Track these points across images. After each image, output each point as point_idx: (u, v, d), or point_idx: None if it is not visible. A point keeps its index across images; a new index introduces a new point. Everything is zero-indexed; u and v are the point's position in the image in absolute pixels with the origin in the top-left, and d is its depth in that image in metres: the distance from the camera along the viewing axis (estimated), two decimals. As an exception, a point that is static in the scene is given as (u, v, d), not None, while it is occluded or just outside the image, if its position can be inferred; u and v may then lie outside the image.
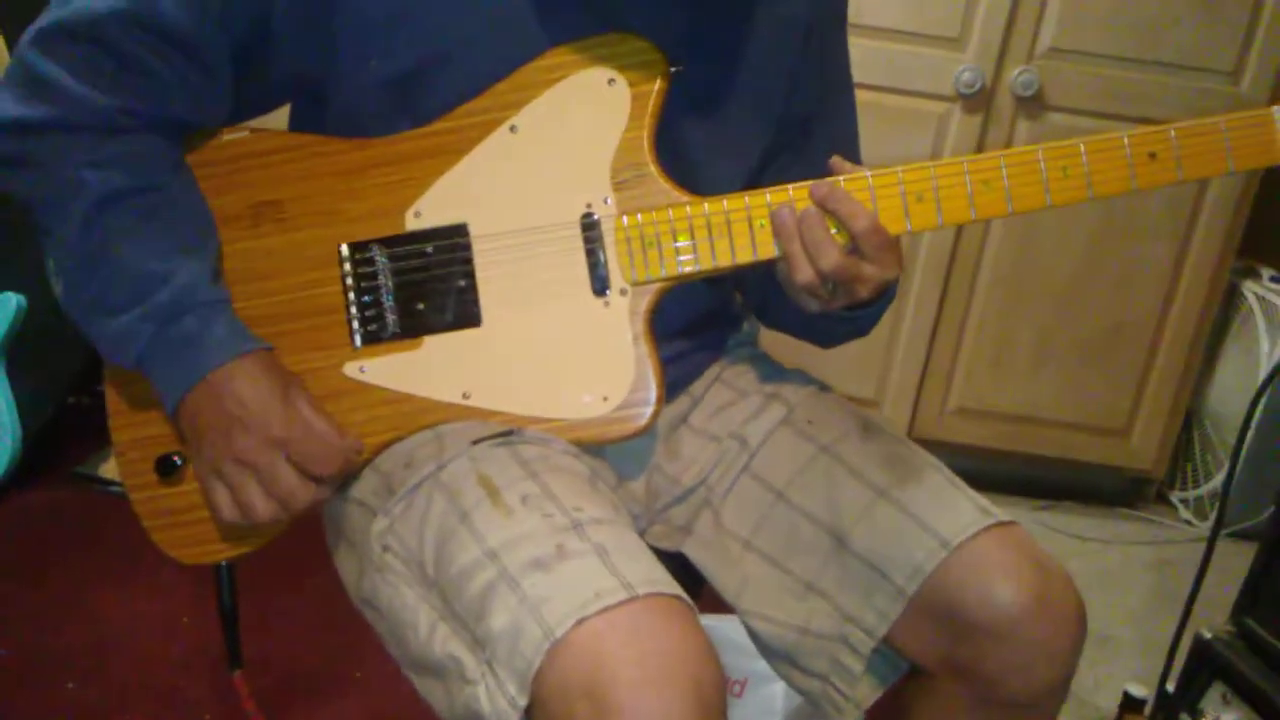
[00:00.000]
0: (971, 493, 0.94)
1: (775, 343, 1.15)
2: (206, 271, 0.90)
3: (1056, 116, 2.27)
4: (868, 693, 0.96)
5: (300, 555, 1.00)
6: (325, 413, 0.90)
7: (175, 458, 0.94)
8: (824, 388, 1.08)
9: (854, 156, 1.04)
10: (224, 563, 0.98)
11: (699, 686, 0.70)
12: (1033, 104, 2.26)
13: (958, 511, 0.91)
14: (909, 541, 0.90)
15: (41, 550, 1.89)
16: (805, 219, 0.89)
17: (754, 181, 1.01)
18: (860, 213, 0.88)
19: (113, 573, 1.80)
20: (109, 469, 2.04)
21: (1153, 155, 0.89)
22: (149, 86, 0.88)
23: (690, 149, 0.97)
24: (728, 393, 1.07)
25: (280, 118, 1.00)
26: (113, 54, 0.86)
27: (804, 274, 0.89)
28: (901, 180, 0.90)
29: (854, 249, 0.89)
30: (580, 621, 0.71)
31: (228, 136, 0.95)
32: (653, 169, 0.93)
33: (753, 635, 1.00)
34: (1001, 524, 0.91)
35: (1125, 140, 0.89)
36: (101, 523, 1.89)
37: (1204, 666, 1.34)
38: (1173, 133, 0.89)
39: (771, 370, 1.10)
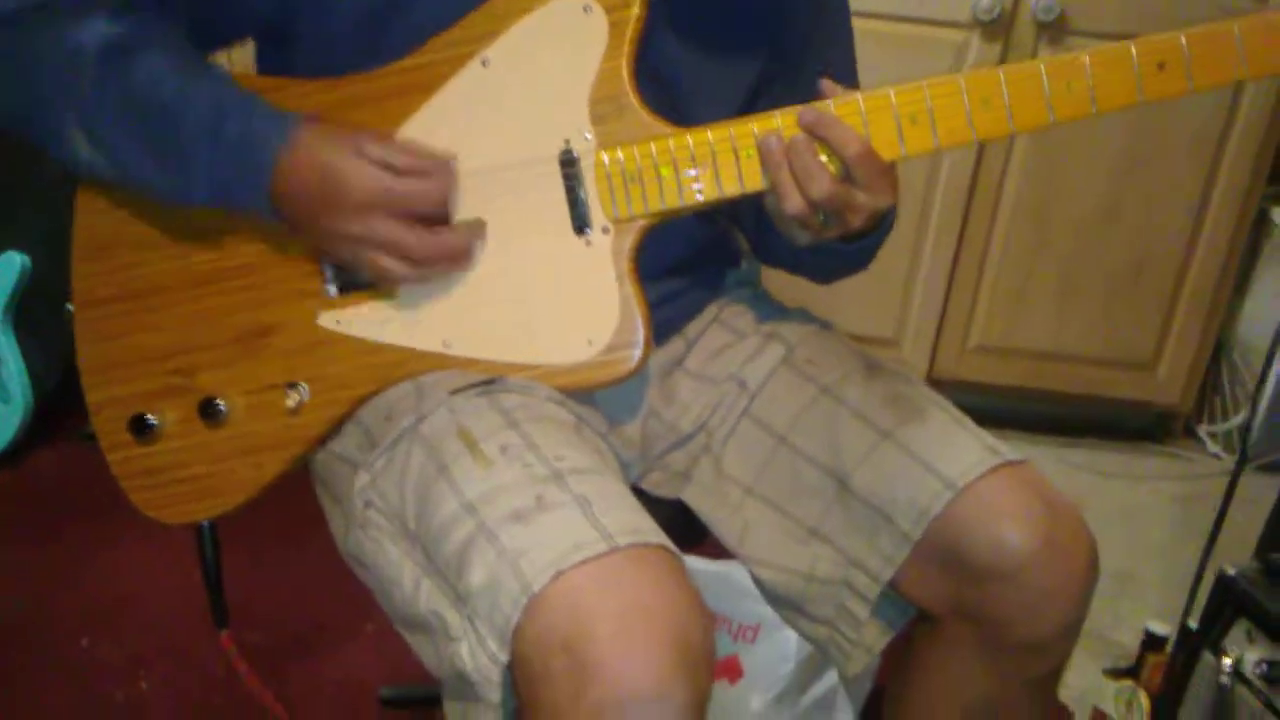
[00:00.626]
0: (979, 431, 0.91)
1: (783, 283, 1.11)
2: (225, 78, 0.87)
3: (1080, 41, 2.18)
4: (875, 638, 0.93)
5: (308, 504, 0.99)
6: (401, 150, 0.85)
7: (149, 416, 0.92)
8: (825, 326, 1.04)
9: (852, 86, 0.99)
10: (206, 522, 0.96)
11: (681, 638, 0.68)
12: (1055, 28, 2.17)
13: (964, 451, 0.87)
14: (913, 484, 0.87)
15: (55, 511, 1.90)
16: (793, 146, 0.84)
17: (745, 113, 0.96)
18: (851, 138, 0.83)
19: (126, 532, 1.80)
20: (118, 428, 2.04)
21: (1162, 65, 0.83)
22: None
23: (677, 81, 0.93)
24: (725, 334, 1.03)
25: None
26: None
27: (793, 203, 0.84)
28: (894, 102, 0.85)
29: (846, 176, 0.84)
30: (558, 574, 0.69)
31: None
32: (633, 100, 0.88)
33: (757, 582, 0.98)
34: (1010, 463, 0.87)
35: (1132, 50, 0.83)
36: (113, 483, 1.89)
37: (1227, 603, 1.31)
38: (1183, 39, 0.82)
39: (771, 309, 1.06)
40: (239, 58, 0.97)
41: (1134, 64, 0.83)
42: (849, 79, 1.03)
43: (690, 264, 1.02)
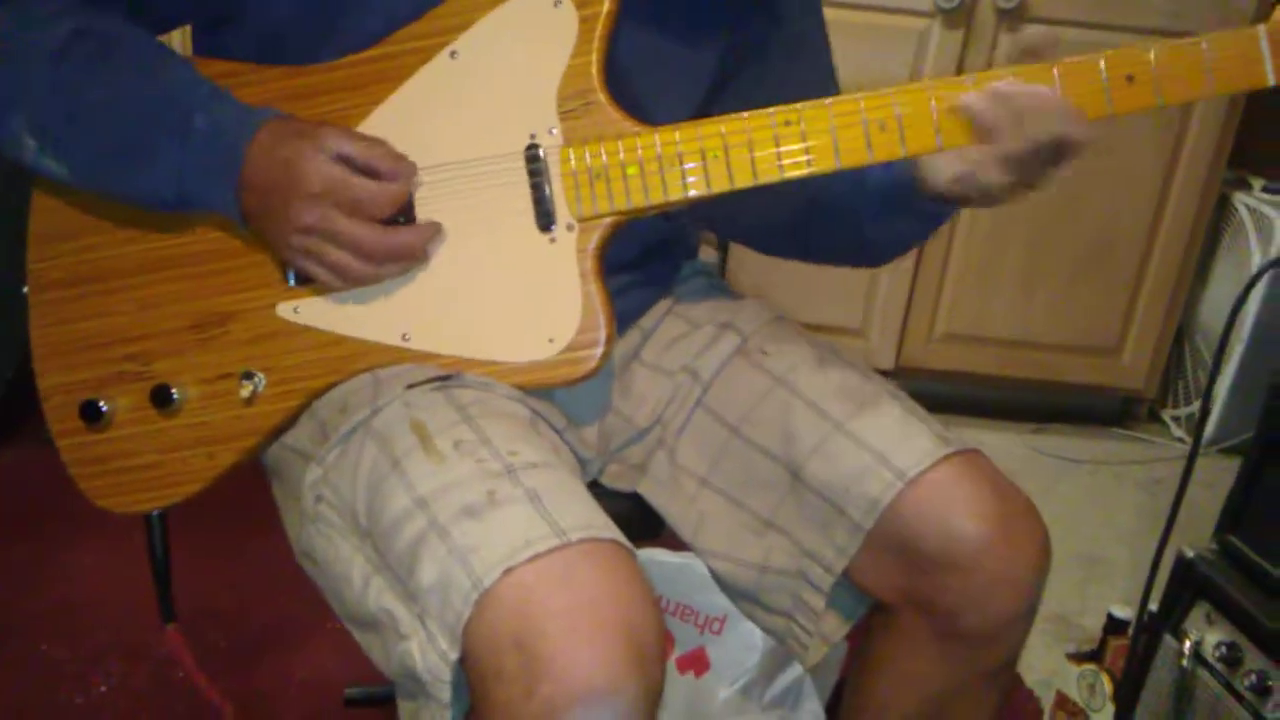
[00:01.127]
0: (930, 420, 0.91)
1: (752, 273, 1.10)
2: (189, 71, 0.85)
3: (1040, 29, 2.20)
4: (833, 628, 0.93)
5: (272, 504, 0.98)
6: (364, 147, 0.83)
7: (101, 403, 0.91)
8: (780, 316, 1.03)
9: (830, 84, 1.00)
10: (155, 512, 0.95)
11: (632, 634, 0.67)
12: (1015, 16, 2.19)
13: (914, 441, 0.87)
14: (864, 475, 0.87)
15: (12, 512, 1.88)
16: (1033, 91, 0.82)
17: (703, 113, 0.95)
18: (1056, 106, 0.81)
19: (84, 533, 1.78)
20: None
21: (1130, 78, 0.83)
22: None
23: (635, 75, 0.91)
24: (680, 324, 1.03)
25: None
26: None
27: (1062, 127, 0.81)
28: (863, 109, 0.84)
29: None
30: (509, 570, 0.68)
31: None
32: (601, 97, 0.87)
33: (713, 574, 0.97)
34: (961, 452, 0.87)
35: (1101, 63, 0.83)
36: (72, 484, 1.86)
37: (1187, 586, 1.31)
38: (1152, 54, 0.82)
39: (726, 299, 1.05)
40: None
41: (1102, 75, 0.83)
42: (828, 79, 1.02)
43: (650, 257, 1.01)
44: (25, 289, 0.94)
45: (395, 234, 0.84)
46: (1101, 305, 2.42)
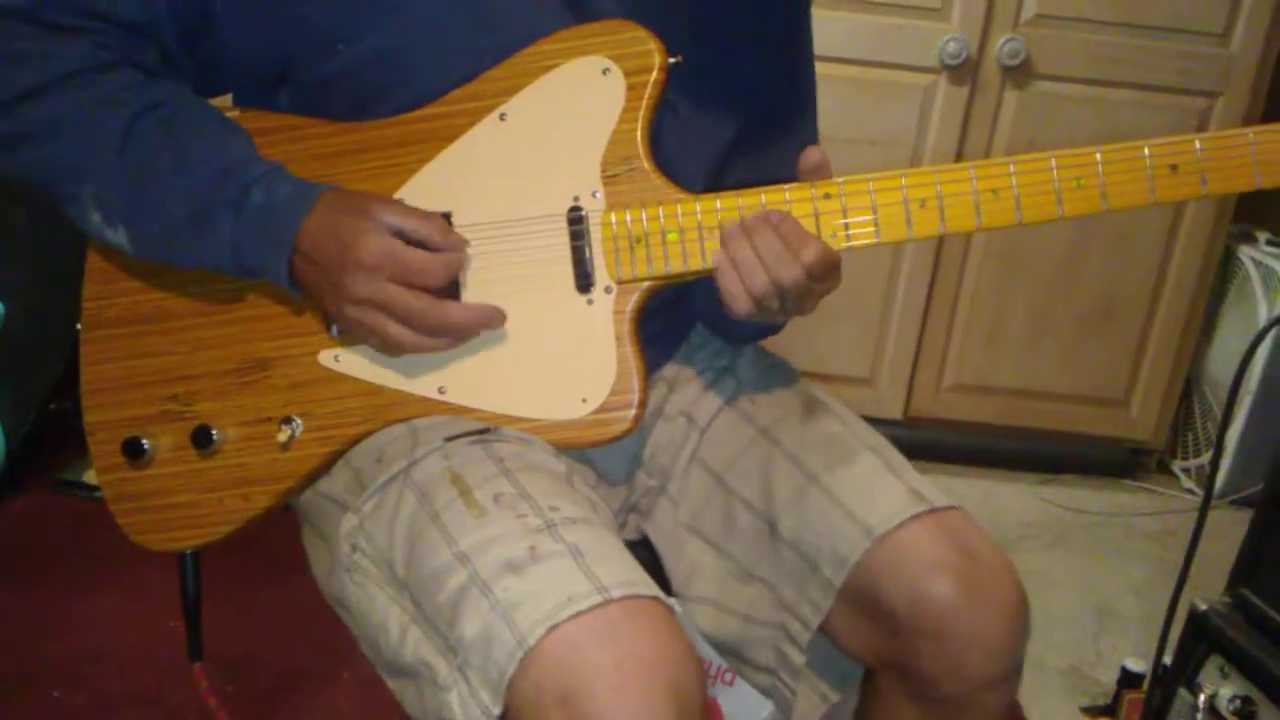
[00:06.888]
0: (909, 476, 0.89)
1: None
2: (249, 147, 0.88)
3: (1045, 84, 2.24)
4: (828, 689, 0.93)
5: (288, 550, 0.99)
6: (417, 221, 0.85)
7: (143, 441, 0.93)
8: (775, 362, 1.04)
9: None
10: (189, 551, 0.97)
11: (677, 689, 0.68)
12: (1020, 73, 2.23)
13: (886, 498, 0.86)
14: (835, 531, 0.86)
15: (26, 558, 1.88)
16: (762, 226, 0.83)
17: (715, 179, 0.97)
18: (809, 241, 0.83)
19: (98, 579, 1.78)
20: (92, 475, 2.02)
21: (1174, 168, 0.84)
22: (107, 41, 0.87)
23: (660, 142, 0.93)
24: (685, 371, 1.04)
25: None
26: (59, 26, 0.86)
27: (759, 282, 0.83)
28: (904, 185, 0.86)
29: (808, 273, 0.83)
30: (553, 627, 0.69)
31: None
32: (645, 164, 0.88)
33: (701, 631, 0.96)
34: (934, 510, 0.85)
35: (1145, 150, 0.84)
36: (86, 529, 1.88)
37: (1201, 639, 1.32)
38: (1197, 144, 0.83)
39: (725, 345, 1.05)
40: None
41: (1146, 163, 0.84)
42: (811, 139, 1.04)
43: (664, 309, 1.01)
44: (79, 326, 0.96)
45: (449, 309, 0.86)
46: (1109, 356, 2.44)
